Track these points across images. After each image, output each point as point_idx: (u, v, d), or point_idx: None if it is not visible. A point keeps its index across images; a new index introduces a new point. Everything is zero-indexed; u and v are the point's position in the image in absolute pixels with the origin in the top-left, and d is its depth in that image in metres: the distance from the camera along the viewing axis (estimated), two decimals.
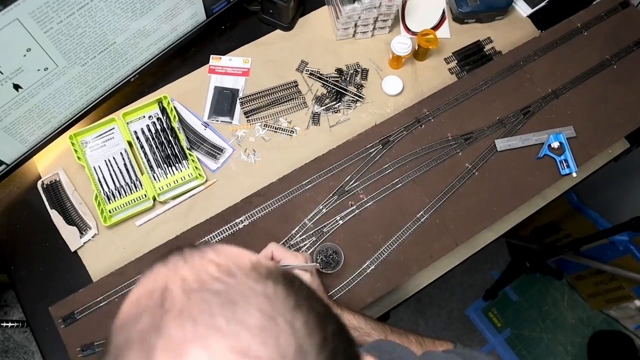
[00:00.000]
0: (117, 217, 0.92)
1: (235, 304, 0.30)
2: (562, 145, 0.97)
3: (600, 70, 1.06)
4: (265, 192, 0.90)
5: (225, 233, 0.86)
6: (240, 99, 1.05)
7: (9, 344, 1.71)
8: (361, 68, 1.10)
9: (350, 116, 1.05)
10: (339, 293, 0.84)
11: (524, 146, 0.97)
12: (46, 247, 0.91)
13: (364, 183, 0.91)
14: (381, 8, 1.05)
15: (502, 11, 1.16)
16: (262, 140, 1.02)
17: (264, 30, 1.13)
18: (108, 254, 0.91)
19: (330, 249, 0.85)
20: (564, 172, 0.96)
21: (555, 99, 1.02)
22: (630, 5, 1.14)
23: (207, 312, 0.29)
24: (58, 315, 0.79)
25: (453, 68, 1.12)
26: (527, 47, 1.06)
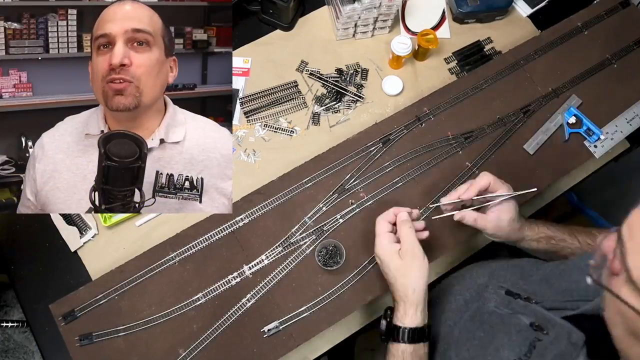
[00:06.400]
0: (117, 217, 0.92)
1: None
2: (577, 117, 0.98)
3: (600, 69, 1.06)
4: (265, 191, 0.90)
5: (225, 231, 0.86)
6: (240, 99, 1.05)
7: (9, 344, 1.71)
8: (361, 68, 1.10)
9: (350, 116, 1.05)
10: (339, 291, 0.84)
11: (549, 137, 0.98)
12: (46, 247, 0.91)
13: (364, 181, 0.91)
14: (381, 8, 1.05)
15: (502, 11, 1.16)
16: (262, 140, 1.02)
17: (264, 30, 1.13)
18: (108, 254, 0.91)
19: (332, 245, 0.85)
20: (593, 139, 0.98)
21: (555, 97, 1.02)
22: (631, 5, 1.14)
23: None
24: (58, 313, 0.79)
25: (453, 68, 1.12)
26: (528, 46, 1.07)
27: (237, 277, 0.84)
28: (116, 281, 0.82)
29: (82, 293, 0.81)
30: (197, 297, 0.82)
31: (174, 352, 0.79)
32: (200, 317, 0.81)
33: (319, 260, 0.84)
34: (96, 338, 0.79)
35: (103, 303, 0.80)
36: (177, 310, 0.81)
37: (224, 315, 0.81)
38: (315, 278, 0.85)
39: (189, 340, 0.80)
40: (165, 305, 0.81)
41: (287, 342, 0.81)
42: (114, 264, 0.84)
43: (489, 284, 0.71)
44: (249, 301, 0.82)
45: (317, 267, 0.85)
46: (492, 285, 0.70)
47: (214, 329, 0.80)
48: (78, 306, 0.80)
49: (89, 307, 0.80)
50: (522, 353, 0.55)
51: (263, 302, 0.83)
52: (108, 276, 0.82)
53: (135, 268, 0.83)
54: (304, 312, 0.82)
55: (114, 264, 0.84)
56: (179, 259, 0.84)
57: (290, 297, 0.83)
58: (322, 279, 0.85)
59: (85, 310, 0.80)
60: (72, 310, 0.80)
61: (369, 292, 0.84)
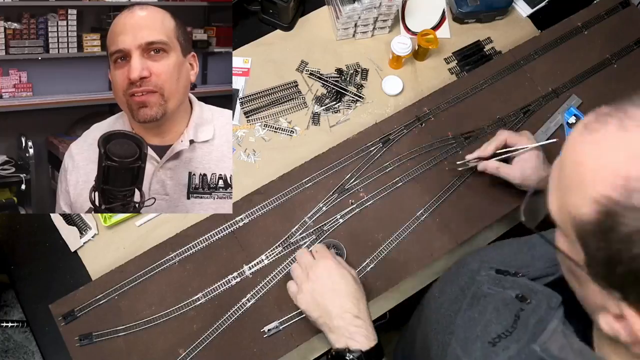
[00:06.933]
0: (117, 217, 0.92)
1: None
2: (577, 116, 0.98)
3: (600, 69, 1.06)
4: (265, 190, 0.90)
5: (225, 231, 0.86)
6: (240, 99, 1.05)
7: (9, 344, 1.71)
8: (361, 68, 1.10)
9: (350, 116, 1.05)
10: None
11: (549, 137, 0.97)
12: (46, 247, 0.91)
13: (364, 181, 0.91)
14: (381, 8, 1.05)
15: (502, 11, 1.16)
16: (262, 140, 1.02)
17: (264, 30, 1.13)
18: (108, 254, 0.90)
19: (332, 245, 0.85)
20: None
21: (555, 97, 1.02)
22: (631, 5, 1.14)
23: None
24: (58, 313, 0.79)
25: (453, 68, 1.12)
26: (528, 46, 1.07)
27: (237, 277, 0.84)
28: (116, 281, 0.82)
29: (82, 293, 0.81)
30: (197, 297, 0.82)
31: (174, 352, 0.79)
32: (200, 317, 0.81)
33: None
34: (96, 338, 0.79)
35: (103, 303, 0.80)
36: (177, 310, 0.81)
37: (224, 315, 0.81)
38: None
39: (189, 340, 0.80)
40: (165, 305, 0.81)
41: (287, 342, 0.81)
42: (114, 264, 0.84)
43: (481, 268, 0.71)
44: (249, 301, 0.82)
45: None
46: (483, 269, 0.70)
47: (214, 329, 0.80)
48: (78, 306, 0.80)
49: (89, 307, 0.80)
50: (508, 325, 0.55)
51: (263, 302, 0.83)
52: (108, 276, 0.82)
53: (135, 268, 0.83)
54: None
55: (114, 264, 0.84)
56: (179, 259, 0.84)
57: (290, 297, 0.83)
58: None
59: (85, 311, 0.80)
60: (72, 310, 0.80)
61: (369, 292, 0.84)
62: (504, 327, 0.55)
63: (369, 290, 0.84)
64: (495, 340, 0.54)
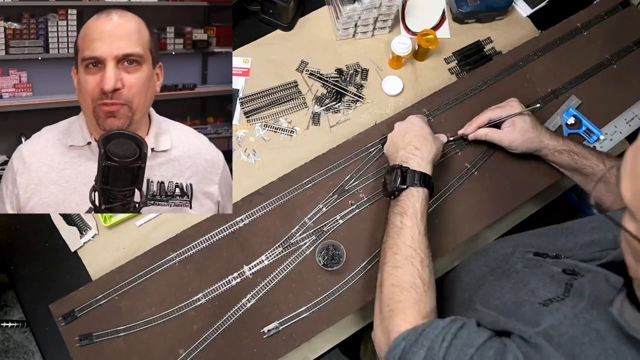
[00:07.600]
0: (117, 217, 0.92)
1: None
2: (576, 117, 0.98)
3: (600, 69, 1.06)
4: (265, 191, 0.90)
5: (225, 232, 0.86)
6: (240, 99, 1.05)
7: (9, 344, 1.71)
8: (361, 68, 1.10)
9: (350, 116, 1.05)
10: (339, 291, 0.84)
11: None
12: (46, 247, 0.91)
13: (364, 182, 0.92)
14: (381, 8, 1.05)
15: (502, 11, 1.16)
16: (262, 140, 1.02)
17: (264, 30, 1.13)
18: (108, 254, 0.91)
19: (332, 246, 0.85)
20: (592, 140, 0.98)
21: (555, 98, 1.02)
22: (631, 5, 1.14)
23: None
24: (58, 313, 0.80)
25: (453, 68, 1.12)
26: (527, 47, 1.07)
27: (237, 278, 0.84)
28: (116, 281, 0.82)
29: (82, 293, 0.81)
30: (197, 297, 0.82)
31: (174, 352, 0.79)
32: (200, 317, 0.81)
33: (319, 261, 0.84)
34: (96, 338, 0.79)
35: (103, 303, 0.80)
36: (177, 310, 0.81)
37: (224, 316, 0.81)
38: (315, 278, 0.85)
39: (189, 340, 0.80)
40: (165, 305, 0.81)
41: (287, 342, 0.81)
42: (114, 264, 0.84)
43: (515, 252, 0.72)
44: (249, 301, 0.83)
45: (317, 268, 0.85)
46: (518, 253, 0.71)
47: (214, 329, 0.80)
48: (78, 306, 0.80)
49: (89, 307, 0.80)
50: (559, 293, 0.56)
51: (263, 302, 0.83)
52: (108, 276, 0.82)
53: (135, 268, 0.83)
54: (304, 312, 0.82)
55: (114, 264, 0.84)
56: (179, 259, 0.84)
57: (290, 297, 0.83)
58: (322, 279, 0.85)
59: (85, 311, 0.80)
60: (72, 311, 0.80)
61: (369, 292, 0.84)
62: (554, 293, 0.56)
63: (369, 289, 0.84)
64: (547, 302, 0.55)
